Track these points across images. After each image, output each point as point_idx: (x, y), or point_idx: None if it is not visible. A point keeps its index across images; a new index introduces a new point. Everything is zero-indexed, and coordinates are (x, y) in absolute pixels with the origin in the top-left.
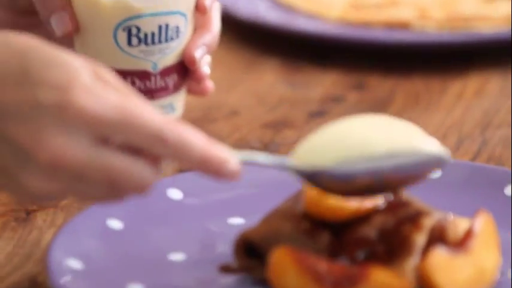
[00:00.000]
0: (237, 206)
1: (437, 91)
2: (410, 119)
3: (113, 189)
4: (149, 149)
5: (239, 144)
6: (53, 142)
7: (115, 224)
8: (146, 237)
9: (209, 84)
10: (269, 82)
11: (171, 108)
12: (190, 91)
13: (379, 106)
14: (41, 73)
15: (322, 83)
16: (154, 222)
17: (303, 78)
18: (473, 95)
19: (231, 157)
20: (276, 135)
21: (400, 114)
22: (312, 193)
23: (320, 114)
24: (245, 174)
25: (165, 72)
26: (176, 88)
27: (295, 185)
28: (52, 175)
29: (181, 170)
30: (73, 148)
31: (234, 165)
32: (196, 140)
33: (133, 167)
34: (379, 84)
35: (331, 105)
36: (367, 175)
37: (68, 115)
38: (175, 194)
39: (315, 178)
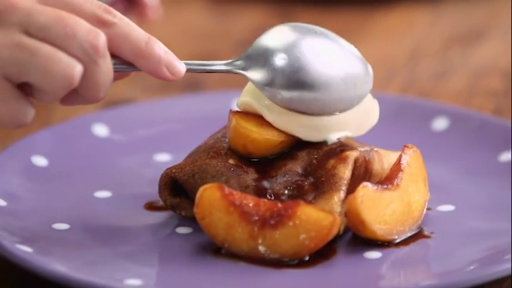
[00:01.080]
0: (163, 142)
1: (366, 22)
2: None
3: (65, 31)
4: (99, 16)
5: None
6: None
7: (39, 161)
8: (71, 175)
9: (151, 12)
10: (195, 13)
11: None
12: (137, 19)
13: None
14: None
15: (249, 13)
16: (80, 159)
17: (230, 9)
18: (403, 26)
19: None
20: None
21: None
22: (237, 127)
23: (247, 47)
24: (171, 110)
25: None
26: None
27: (222, 120)
28: (4, 20)
29: (107, 105)
30: None
31: (179, 62)
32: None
33: (79, 19)
34: (306, 15)
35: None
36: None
37: None
38: (100, 130)
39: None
